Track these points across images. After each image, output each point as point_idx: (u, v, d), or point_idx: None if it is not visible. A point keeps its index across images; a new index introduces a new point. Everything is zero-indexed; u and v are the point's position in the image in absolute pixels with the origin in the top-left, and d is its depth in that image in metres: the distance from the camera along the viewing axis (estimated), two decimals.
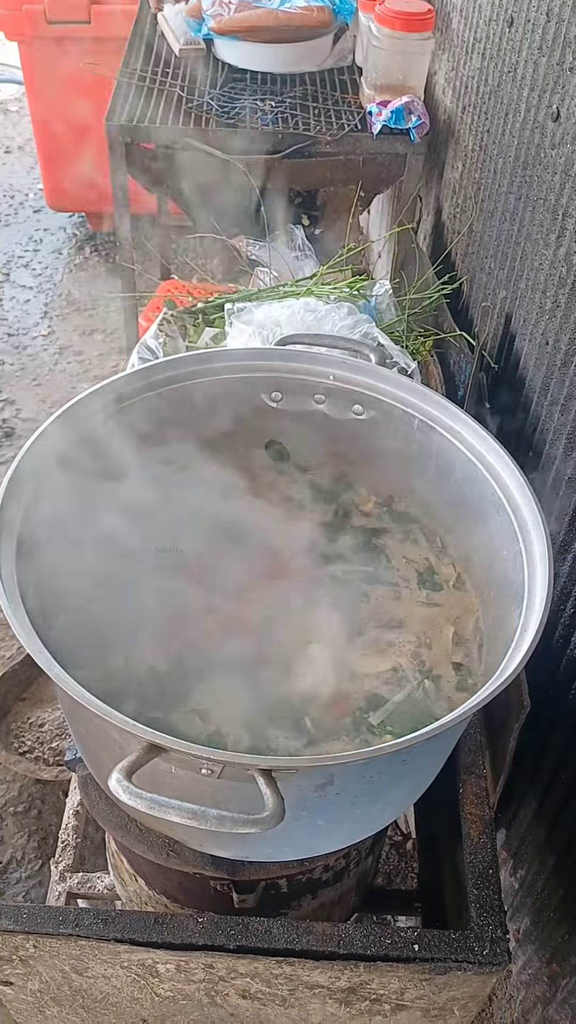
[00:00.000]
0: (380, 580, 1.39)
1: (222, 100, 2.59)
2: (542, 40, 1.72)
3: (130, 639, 1.27)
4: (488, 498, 1.27)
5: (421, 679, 1.27)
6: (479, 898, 1.25)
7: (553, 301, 1.65)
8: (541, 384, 1.71)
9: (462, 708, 0.99)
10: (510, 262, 1.93)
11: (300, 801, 1.04)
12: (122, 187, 2.55)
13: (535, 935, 1.82)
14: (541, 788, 1.74)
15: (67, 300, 4.05)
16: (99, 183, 2.98)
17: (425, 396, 1.35)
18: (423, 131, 2.46)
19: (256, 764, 0.94)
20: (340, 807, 1.10)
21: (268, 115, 2.54)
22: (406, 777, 1.15)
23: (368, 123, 2.51)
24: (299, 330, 1.87)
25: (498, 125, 2.04)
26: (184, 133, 2.46)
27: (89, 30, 3.68)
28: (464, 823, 1.32)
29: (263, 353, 1.41)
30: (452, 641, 1.31)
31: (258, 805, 0.93)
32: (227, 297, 2.18)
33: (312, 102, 2.63)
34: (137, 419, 1.35)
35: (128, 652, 1.25)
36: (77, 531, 1.35)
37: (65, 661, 1.17)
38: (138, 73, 2.70)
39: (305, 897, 1.40)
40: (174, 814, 0.91)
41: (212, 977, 1.25)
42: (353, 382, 1.39)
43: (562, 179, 1.62)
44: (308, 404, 1.43)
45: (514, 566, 1.19)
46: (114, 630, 1.28)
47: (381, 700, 1.24)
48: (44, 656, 0.99)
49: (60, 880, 1.65)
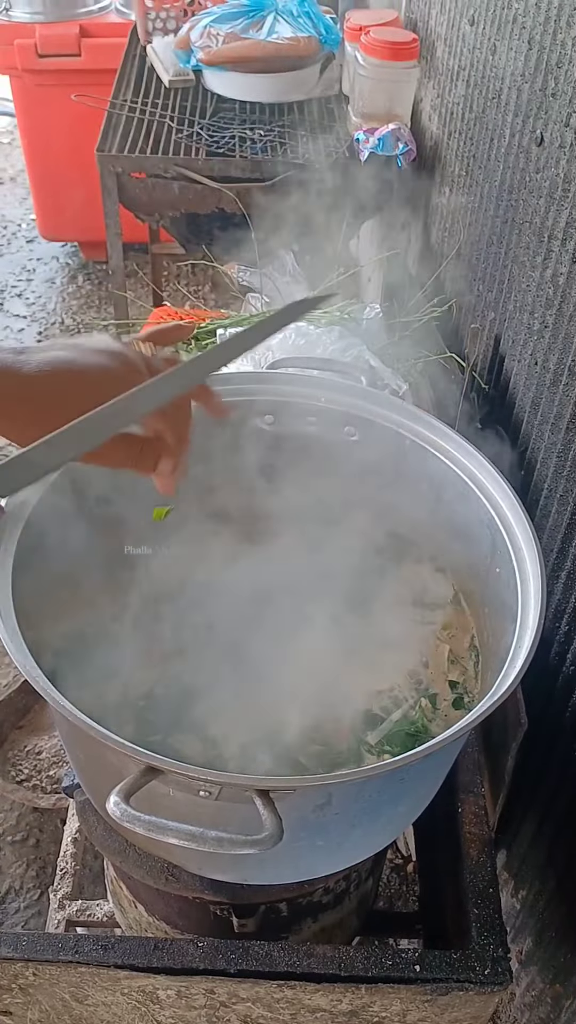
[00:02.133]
0: (374, 600, 1.40)
1: (211, 130, 2.63)
2: (525, 66, 1.75)
3: (127, 663, 1.27)
4: (481, 517, 1.28)
5: (417, 698, 1.27)
6: (479, 917, 1.24)
7: (541, 322, 1.67)
8: (531, 403, 1.73)
9: (458, 725, 1.00)
10: (498, 284, 1.96)
11: (299, 822, 1.04)
12: (114, 216, 2.58)
13: (538, 956, 1.81)
14: (541, 807, 1.73)
15: (61, 328, 4.08)
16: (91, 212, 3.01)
17: (416, 416, 1.36)
18: (410, 157, 2.49)
19: (254, 784, 0.94)
20: (339, 827, 1.10)
21: (257, 144, 2.58)
22: (405, 796, 1.15)
23: (356, 150, 2.54)
24: (291, 354, 1.89)
25: (483, 150, 2.08)
26: (174, 162, 2.49)
27: (80, 63, 3.73)
28: (463, 843, 1.32)
29: (255, 377, 1.43)
30: (448, 659, 1.31)
31: (257, 827, 0.93)
32: (219, 322, 2.20)
33: (300, 130, 2.67)
34: None
35: (127, 676, 1.26)
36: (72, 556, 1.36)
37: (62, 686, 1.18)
38: (128, 104, 2.74)
39: (306, 921, 1.39)
40: (172, 836, 0.91)
41: (213, 1003, 1.25)
42: (344, 404, 1.41)
43: (547, 202, 1.65)
44: (300, 426, 1.44)
45: (507, 585, 1.19)
46: (111, 654, 1.28)
47: (378, 719, 1.24)
48: (41, 679, 1.00)
49: (59, 908, 1.64)
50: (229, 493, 1.50)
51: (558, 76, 1.59)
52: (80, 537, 1.35)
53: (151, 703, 1.23)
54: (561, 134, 1.57)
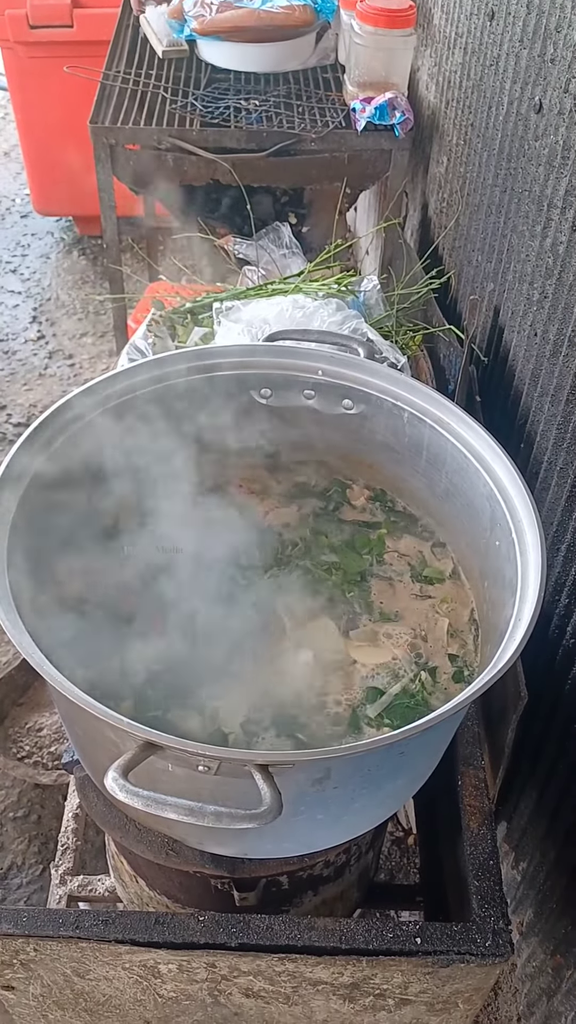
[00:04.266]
0: (374, 574, 1.39)
1: (206, 100, 2.59)
2: (523, 32, 1.72)
3: (126, 640, 1.26)
4: (480, 490, 1.27)
5: (417, 671, 1.26)
6: (480, 889, 1.24)
7: (540, 292, 1.65)
8: (531, 375, 1.72)
9: (458, 698, 0.99)
10: (497, 254, 1.94)
11: (298, 796, 1.04)
12: (107, 190, 2.55)
13: (538, 927, 1.82)
14: (541, 780, 1.74)
15: (56, 304, 4.05)
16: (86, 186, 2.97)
17: (414, 389, 1.34)
18: (407, 127, 2.46)
19: (252, 759, 0.94)
20: (339, 801, 1.10)
21: (252, 114, 2.54)
22: (404, 769, 1.15)
23: (352, 120, 2.51)
24: (288, 327, 1.87)
25: (482, 119, 2.05)
26: (168, 134, 2.46)
27: (72, 34, 3.68)
28: (464, 815, 1.32)
29: (251, 350, 1.41)
30: (447, 633, 1.31)
31: (256, 801, 0.92)
32: (215, 296, 2.18)
33: (296, 100, 2.63)
34: (125, 419, 1.34)
35: (124, 652, 1.25)
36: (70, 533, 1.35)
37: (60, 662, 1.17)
38: (121, 75, 2.70)
39: (306, 894, 1.39)
40: (171, 811, 0.91)
41: (215, 976, 1.25)
42: (342, 376, 1.39)
43: (546, 170, 1.62)
44: (298, 400, 1.43)
45: (507, 557, 1.18)
46: (110, 630, 1.27)
47: (378, 693, 1.23)
48: (38, 656, 0.99)
49: (60, 884, 1.65)
50: (226, 467, 1.49)
51: (557, 41, 1.56)
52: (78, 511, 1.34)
53: (150, 679, 1.23)
54: (560, 100, 1.55)
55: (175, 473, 1.43)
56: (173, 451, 1.43)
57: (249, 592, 1.34)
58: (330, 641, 1.29)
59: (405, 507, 1.48)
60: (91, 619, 1.28)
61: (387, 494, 1.50)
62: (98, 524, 1.40)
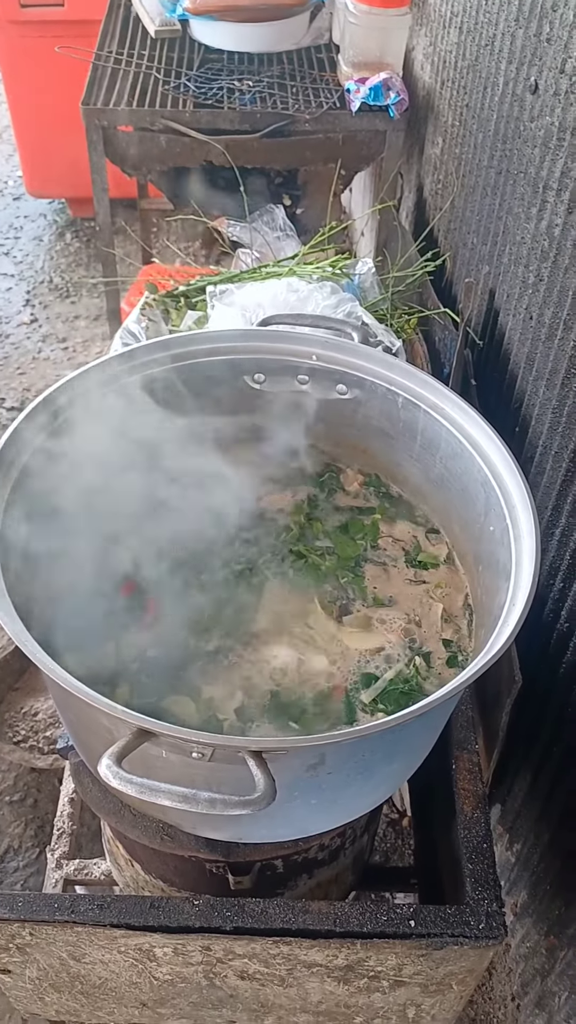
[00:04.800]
0: (368, 559, 1.39)
1: (199, 81, 2.57)
2: (519, 11, 1.71)
3: (121, 626, 1.26)
4: (474, 475, 1.26)
5: (411, 656, 1.26)
6: (474, 872, 1.25)
7: (536, 275, 1.64)
8: (526, 359, 1.71)
9: (452, 684, 0.99)
10: (492, 237, 1.93)
11: (292, 781, 1.04)
12: (100, 172, 2.53)
13: (532, 908, 1.83)
14: (535, 762, 1.74)
15: (49, 287, 4.02)
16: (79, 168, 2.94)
17: (409, 374, 1.34)
18: (402, 107, 2.44)
19: (246, 746, 0.94)
20: (333, 786, 1.10)
21: (246, 95, 2.52)
22: (398, 754, 1.15)
23: (347, 101, 2.48)
24: (282, 311, 1.86)
25: (477, 99, 2.03)
26: (162, 115, 2.44)
27: (63, 13, 3.64)
28: (458, 799, 1.33)
29: (245, 334, 1.40)
30: (441, 618, 1.31)
31: (250, 787, 0.93)
32: (209, 280, 2.17)
33: (290, 81, 2.61)
34: (117, 405, 1.34)
35: (119, 638, 1.25)
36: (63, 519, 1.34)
37: (55, 647, 1.17)
38: (114, 56, 2.67)
39: (301, 877, 1.40)
40: (165, 798, 0.91)
41: (210, 959, 1.26)
42: (336, 361, 1.39)
43: (542, 151, 1.61)
44: (291, 384, 1.42)
45: (501, 543, 1.18)
46: (104, 617, 1.27)
47: (372, 678, 1.23)
48: (30, 644, 0.99)
49: (56, 868, 1.65)
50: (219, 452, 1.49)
51: (553, 20, 1.55)
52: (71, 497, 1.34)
53: (145, 665, 1.23)
54: (556, 81, 1.53)
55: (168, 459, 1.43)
56: (166, 437, 1.43)
57: (243, 578, 1.34)
58: (323, 626, 1.29)
59: (399, 492, 1.48)
60: (85, 605, 1.28)
61: (381, 479, 1.49)
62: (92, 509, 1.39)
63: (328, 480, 1.48)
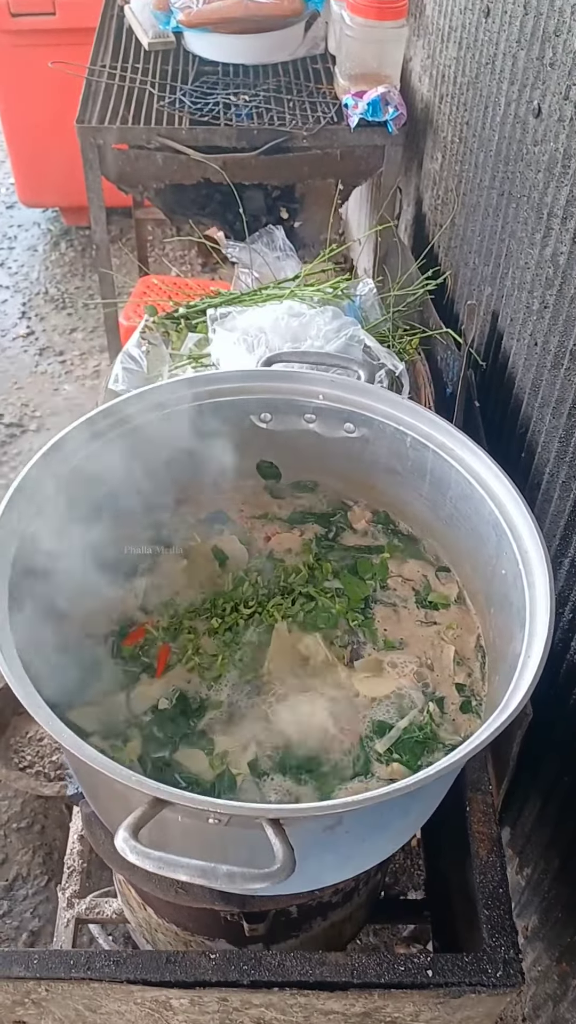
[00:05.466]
0: (378, 600, 1.38)
1: (194, 96, 2.54)
2: (520, 33, 1.69)
3: (130, 677, 1.25)
4: (485, 516, 1.25)
5: (425, 702, 1.25)
6: (490, 919, 1.24)
7: (541, 302, 1.63)
8: (531, 385, 1.70)
9: (470, 744, 0.98)
10: (495, 259, 1.91)
11: (310, 842, 1.03)
12: (96, 190, 2.51)
13: (543, 934, 1.82)
14: (544, 790, 1.74)
15: (45, 298, 3.99)
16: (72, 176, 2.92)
17: (417, 413, 1.32)
18: (400, 122, 2.41)
19: (264, 814, 0.93)
20: (350, 842, 1.09)
21: (242, 110, 2.49)
22: (414, 807, 1.14)
23: (345, 115, 2.46)
24: (284, 336, 1.84)
25: (478, 117, 2.01)
26: (157, 133, 2.41)
27: (55, 22, 3.61)
28: (472, 842, 1.32)
29: (251, 375, 1.39)
30: (454, 661, 1.30)
31: (268, 850, 0.92)
32: (209, 302, 2.15)
33: (286, 94, 2.58)
34: (125, 448, 1.32)
35: (129, 690, 1.24)
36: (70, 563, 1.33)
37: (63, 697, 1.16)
38: (107, 71, 2.65)
39: (315, 920, 1.39)
40: (183, 873, 0.90)
41: (226, 1008, 1.25)
42: (343, 400, 1.37)
43: (546, 177, 1.59)
44: (298, 423, 1.41)
45: (514, 587, 1.17)
46: (113, 668, 1.26)
47: (386, 726, 1.22)
48: (43, 711, 0.97)
49: (68, 907, 1.64)
50: (226, 493, 1.48)
51: (556, 45, 1.53)
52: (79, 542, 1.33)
53: (156, 717, 1.21)
54: (560, 106, 1.51)
55: (174, 501, 1.42)
56: (172, 479, 1.42)
57: (252, 623, 1.32)
58: (335, 672, 1.28)
59: (408, 530, 1.47)
60: (95, 657, 1.27)
61: (390, 516, 1.48)
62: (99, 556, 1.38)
63: (336, 519, 1.47)
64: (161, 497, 1.40)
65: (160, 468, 1.36)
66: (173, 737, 1.20)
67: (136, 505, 1.35)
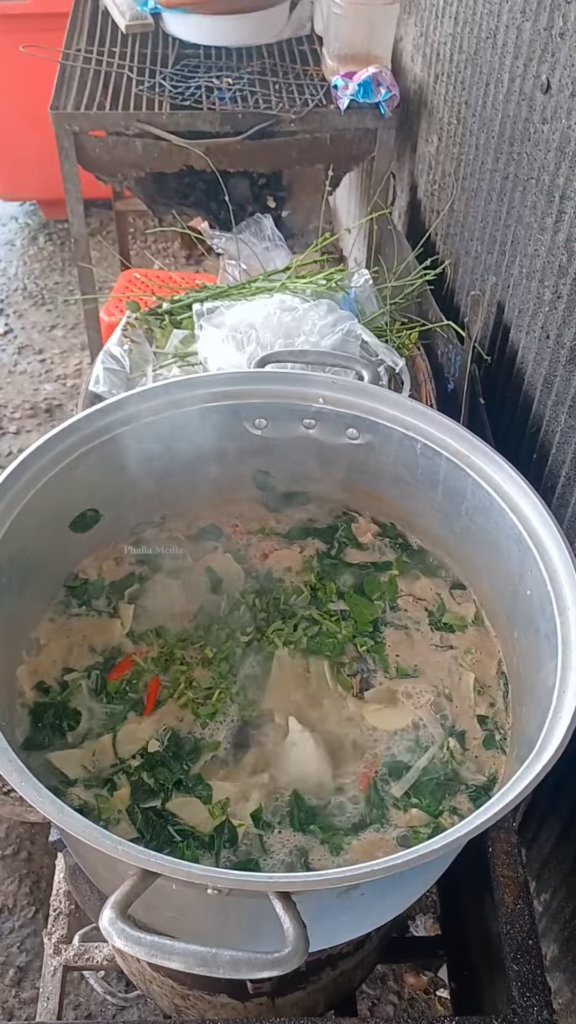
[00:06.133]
0: (387, 622, 1.26)
1: (175, 80, 2.41)
2: (525, 3, 1.56)
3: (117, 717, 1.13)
4: (505, 530, 1.13)
5: (444, 736, 1.13)
6: (520, 975, 1.13)
7: (553, 291, 1.51)
8: (543, 381, 1.58)
9: (509, 793, 0.86)
10: (499, 246, 1.79)
11: (322, 907, 0.92)
12: (73, 181, 2.37)
13: (564, 964, 1.71)
14: (564, 813, 1.62)
15: (24, 295, 3.85)
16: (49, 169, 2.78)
17: (427, 417, 1.20)
18: (393, 104, 2.29)
19: (270, 887, 0.81)
20: (367, 903, 0.98)
21: (226, 93, 2.36)
22: (435, 863, 1.02)
23: (334, 97, 2.33)
24: (276, 332, 1.72)
25: (477, 96, 1.89)
26: (137, 119, 2.28)
27: (27, 6, 3.47)
28: (496, 887, 1.20)
29: (243, 377, 1.26)
30: (474, 690, 1.18)
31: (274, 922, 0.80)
32: (195, 296, 2.02)
33: (272, 77, 2.45)
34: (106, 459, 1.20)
35: (117, 732, 1.11)
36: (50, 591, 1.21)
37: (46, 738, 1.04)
38: (83, 55, 2.51)
39: (325, 971, 1.28)
40: (179, 961, 0.77)
41: None
42: (345, 404, 1.25)
43: (557, 157, 1.47)
44: (297, 430, 1.28)
45: (541, 611, 1.05)
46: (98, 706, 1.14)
47: (401, 766, 1.10)
48: (16, 775, 0.85)
49: (55, 953, 1.52)
50: (218, 507, 1.35)
51: (567, 14, 1.41)
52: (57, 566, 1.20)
53: (147, 761, 1.09)
54: (573, 81, 1.39)
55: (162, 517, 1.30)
56: (159, 492, 1.29)
57: (250, 651, 1.20)
58: (343, 704, 1.16)
59: (419, 543, 1.34)
60: (77, 694, 1.14)
61: (397, 528, 1.36)
62: (79, 578, 1.25)
63: (339, 533, 1.34)
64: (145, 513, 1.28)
65: (143, 481, 1.24)
66: (165, 784, 1.07)
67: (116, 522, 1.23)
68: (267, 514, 1.35)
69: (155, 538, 1.29)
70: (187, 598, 1.25)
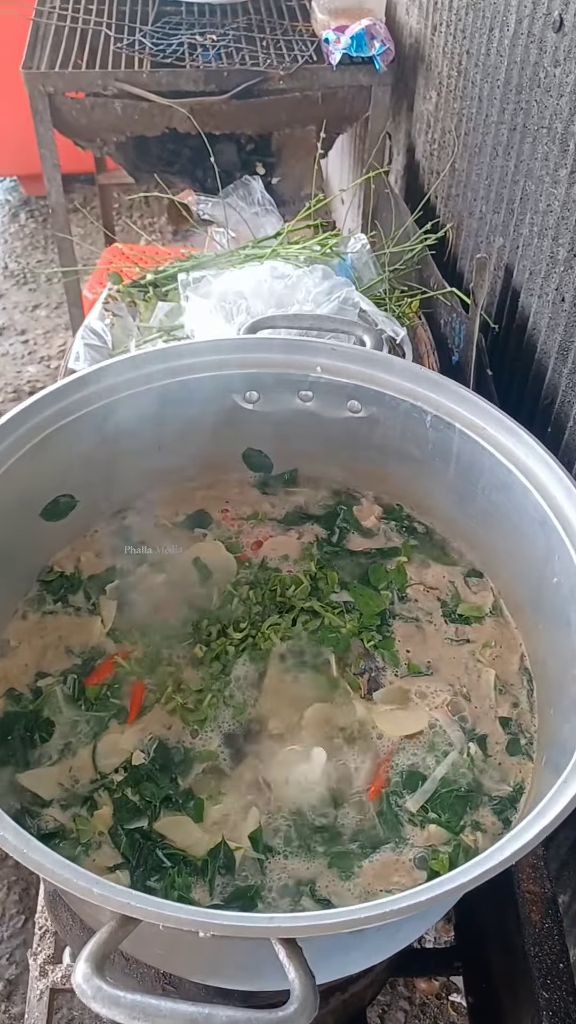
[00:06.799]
0: (396, 614, 1.14)
1: (156, 37, 2.27)
2: None
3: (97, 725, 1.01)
4: (528, 512, 1.01)
5: (464, 741, 1.01)
6: (551, 1003, 1.02)
7: (568, 250, 1.38)
8: (559, 348, 1.45)
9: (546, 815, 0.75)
10: (507, 204, 1.66)
11: (332, 946, 0.80)
12: (49, 146, 2.23)
13: None
14: None
15: (4, 274, 3.71)
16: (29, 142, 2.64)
17: (439, 386, 1.08)
18: (388, 58, 2.15)
19: (273, 933, 0.69)
20: (381, 936, 0.86)
21: (210, 51, 2.22)
22: None
23: (325, 53, 2.19)
24: (267, 301, 1.59)
25: (480, 43, 1.75)
26: (115, 78, 2.14)
27: None
28: (522, 904, 1.09)
29: (231, 345, 1.13)
30: (495, 688, 1.06)
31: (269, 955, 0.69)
32: (180, 266, 1.89)
33: (259, 33, 2.31)
34: (79, 439, 1.07)
35: (97, 742, 0.99)
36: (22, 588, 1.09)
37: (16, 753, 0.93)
38: (57, 12, 2.36)
39: (334, 995, 1.16)
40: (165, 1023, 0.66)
41: None
42: (346, 373, 1.12)
43: (570, 102, 1.35)
44: (292, 403, 1.16)
45: (572, 599, 0.93)
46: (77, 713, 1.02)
47: (417, 776, 0.99)
48: None
49: (40, 975, 1.41)
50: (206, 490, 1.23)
51: None
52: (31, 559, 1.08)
53: (131, 776, 0.97)
54: None
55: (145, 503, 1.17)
56: (140, 474, 1.17)
57: (244, 649, 1.08)
58: (350, 707, 1.04)
59: (429, 526, 1.22)
60: (52, 701, 1.02)
61: (404, 510, 1.23)
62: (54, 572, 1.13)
63: (340, 516, 1.22)
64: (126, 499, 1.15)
65: (121, 464, 1.11)
66: (152, 801, 0.96)
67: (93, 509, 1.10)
68: (260, 497, 1.23)
69: (137, 526, 1.17)
70: (174, 592, 1.12)
